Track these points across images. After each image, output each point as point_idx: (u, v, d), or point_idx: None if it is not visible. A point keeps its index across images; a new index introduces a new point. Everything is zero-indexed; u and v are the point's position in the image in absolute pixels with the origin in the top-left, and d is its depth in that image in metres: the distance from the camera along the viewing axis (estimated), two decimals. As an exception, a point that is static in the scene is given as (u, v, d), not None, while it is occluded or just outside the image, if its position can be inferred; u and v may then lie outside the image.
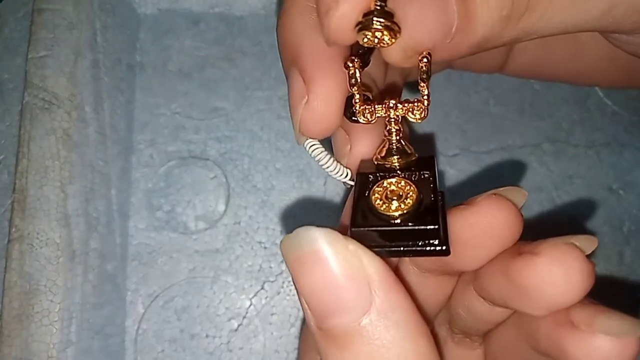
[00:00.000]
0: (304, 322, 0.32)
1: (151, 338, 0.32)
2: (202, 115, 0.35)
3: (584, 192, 0.35)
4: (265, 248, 0.33)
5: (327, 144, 0.23)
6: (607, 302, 0.18)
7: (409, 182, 0.19)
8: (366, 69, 0.20)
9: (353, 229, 0.19)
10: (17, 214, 0.27)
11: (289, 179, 0.34)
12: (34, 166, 0.28)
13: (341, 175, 0.23)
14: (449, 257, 0.18)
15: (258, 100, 0.35)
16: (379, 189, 0.19)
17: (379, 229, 0.19)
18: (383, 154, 0.21)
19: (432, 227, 0.18)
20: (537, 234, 0.19)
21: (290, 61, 0.21)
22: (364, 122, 0.20)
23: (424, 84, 0.19)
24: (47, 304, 0.27)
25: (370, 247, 0.18)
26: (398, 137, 0.21)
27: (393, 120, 0.20)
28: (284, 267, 0.33)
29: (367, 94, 0.21)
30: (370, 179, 0.20)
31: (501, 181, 0.35)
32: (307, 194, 0.34)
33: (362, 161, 0.22)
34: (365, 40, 0.18)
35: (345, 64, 0.19)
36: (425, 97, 0.19)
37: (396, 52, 0.18)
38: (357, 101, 0.20)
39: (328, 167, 0.22)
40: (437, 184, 0.20)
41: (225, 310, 0.32)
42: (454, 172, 0.35)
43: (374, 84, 0.23)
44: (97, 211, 0.30)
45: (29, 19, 0.30)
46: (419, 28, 0.17)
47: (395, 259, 0.22)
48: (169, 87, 0.35)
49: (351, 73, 0.19)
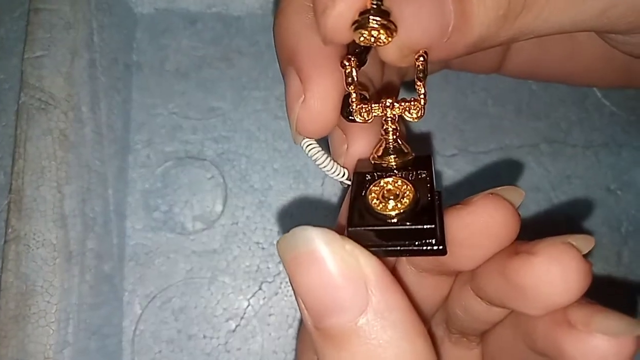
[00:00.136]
0: (301, 323, 0.32)
1: (148, 339, 0.32)
2: (199, 115, 0.35)
3: (581, 193, 0.35)
4: (263, 249, 0.33)
5: (324, 143, 0.23)
6: (605, 303, 0.18)
7: (405, 181, 0.19)
8: (363, 68, 0.20)
9: (350, 229, 0.19)
10: (13, 214, 0.27)
11: (287, 180, 0.34)
12: (30, 166, 0.28)
13: (338, 174, 0.23)
14: (445, 256, 0.18)
15: (255, 100, 0.35)
16: (375, 188, 0.19)
17: (375, 228, 0.19)
18: (380, 153, 0.21)
19: (428, 226, 0.18)
20: (535, 234, 0.19)
21: (287, 60, 0.21)
22: (361, 121, 0.20)
23: (421, 83, 0.19)
24: (44, 304, 0.26)
25: (367, 246, 0.18)
26: (395, 137, 0.21)
27: (390, 119, 0.20)
28: (281, 267, 0.33)
29: (363, 93, 0.21)
30: (367, 179, 0.20)
31: (499, 181, 0.35)
32: (304, 194, 0.34)
33: (359, 160, 0.22)
34: (362, 39, 0.18)
35: (342, 62, 0.19)
36: (422, 96, 0.19)
37: (392, 51, 0.18)
38: (354, 100, 0.20)
39: (325, 167, 0.22)
40: (434, 183, 0.20)
41: (223, 311, 0.32)
42: (451, 172, 0.35)
43: (370, 83, 0.23)
44: (93, 211, 0.30)
45: (25, 18, 0.30)
46: (416, 27, 0.17)
47: (392, 259, 0.22)
48: (166, 87, 0.35)
49: (348, 72, 0.19)
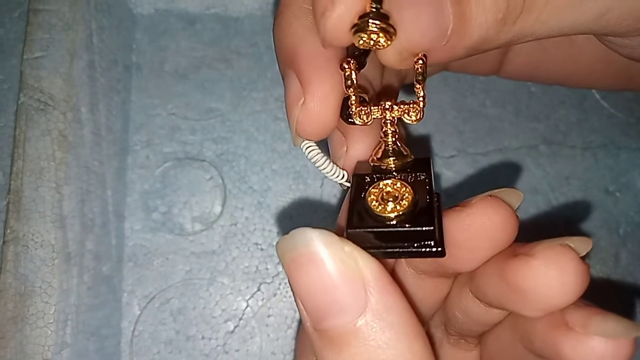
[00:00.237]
0: (300, 324, 0.32)
1: (147, 340, 0.32)
2: (198, 116, 0.35)
3: (580, 194, 0.35)
4: (262, 250, 0.33)
5: (324, 145, 0.23)
6: (603, 305, 0.18)
7: (404, 183, 0.19)
8: (362, 70, 0.21)
9: (349, 230, 0.19)
10: (12, 215, 0.27)
11: (286, 181, 0.34)
12: (29, 167, 0.28)
13: (337, 176, 0.23)
14: (444, 258, 0.18)
15: (254, 102, 0.35)
16: (374, 190, 0.19)
17: (374, 230, 0.19)
18: (379, 156, 0.21)
19: (427, 228, 0.18)
20: (533, 236, 0.19)
21: (287, 63, 0.21)
22: (360, 123, 0.20)
23: (420, 86, 0.19)
24: (42, 305, 0.26)
25: (366, 248, 0.18)
26: (394, 139, 0.21)
27: (389, 121, 0.20)
28: (280, 268, 0.33)
29: (363, 95, 0.21)
30: (367, 181, 0.20)
31: (497, 183, 0.35)
32: (303, 195, 0.34)
33: (359, 163, 0.22)
34: (361, 42, 0.18)
35: (341, 65, 0.19)
36: (421, 98, 0.19)
37: (392, 54, 0.18)
38: (353, 103, 0.20)
39: (324, 169, 0.22)
40: (433, 185, 0.20)
41: (222, 312, 0.32)
42: (450, 174, 0.35)
43: (370, 85, 0.23)
44: (92, 212, 0.30)
45: (24, 19, 0.30)
46: (415, 30, 0.17)
47: (391, 261, 0.22)
48: (165, 88, 0.35)
49: (347, 75, 0.19)
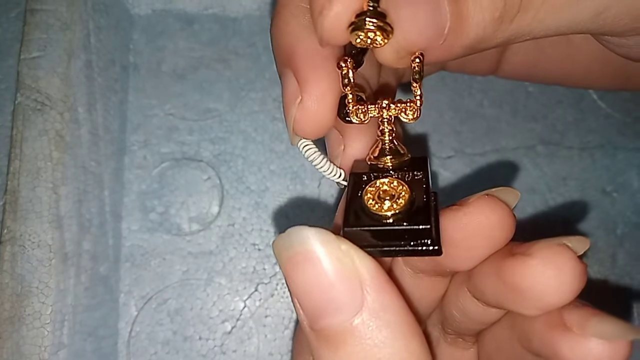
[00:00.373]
0: (297, 324, 0.32)
1: (144, 340, 0.32)
2: (195, 116, 0.35)
3: (577, 194, 0.35)
4: (259, 250, 0.33)
5: (321, 144, 0.23)
6: (601, 305, 0.18)
7: (401, 182, 0.19)
8: (360, 69, 0.21)
9: (345, 229, 0.19)
10: (9, 215, 0.27)
11: (283, 181, 0.34)
12: (26, 167, 0.28)
13: (334, 175, 0.23)
14: (441, 257, 0.18)
15: (252, 102, 0.35)
16: (371, 189, 0.19)
17: (371, 228, 0.19)
18: (376, 154, 0.21)
19: (424, 226, 0.18)
20: (531, 236, 0.19)
21: (284, 62, 0.21)
22: (357, 122, 0.20)
23: (417, 85, 0.19)
24: (39, 306, 0.26)
25: (362, 247, 0.18)
26: (391, 138, 0.21)
27: (386, 120, 0.20)
28: (277, 269, 0.33)
29: (360, 94, 0.21)
30: (364, 179, 0.20)
31: (495, 183, 0.35)
32: (301, 195, 0.34)
33: (356, 161, 0.22)
34: (358, 40, 0.18)
35: (338, 64, 0.19)
36: (418, 97, 0.19)
37: (389, 52, 0.18)
38: (351, 101, 0.20)
39: (321, 168, 0.22)
40: (430, 184, 0.20)
41: (219, 312, 0.32)
42: (448, 174, 0.35)
43: (367, 84, 0.23)
44: (89, 213, 0.30)
45: (21, 19, 0.30)
46: (412, 29, 0.17)
47: (388, 260, 0.22)
48: (163, 88, 0.35)
49: (344, 73, 0.19)
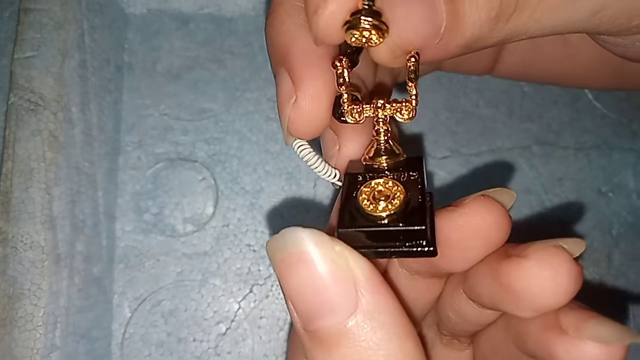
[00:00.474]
0: (292, 326, 0.31)
1: (138, 342, 0.32)
2: (190, 116, 0.35)
3: (573, 195, 0.35)
4: (254, 251, 0.33)
5: (316, 144, 0.23)
6: (596, 306, 0.18)
7: (396, 182, 0.19)
8: (355, 69, 0.20)
9: (340, 230, 0.18)
10: (1, 216, 0.27)
11: (278, 182, 0.34)
12: (19, 168, 0.28)
13: (329, 175, 0.22)
14: (437, 258, 0.18)
15: (247, 102, 0.35)
16: (366, 189, 0.19)
17: (366, 229, 0.18)
18: (371, 154, 0.21)
19: (419, 227, 0.18)
20: (527, 237, 0.19)
21: (279, 61, 0.21)
22: (352, 122, 0.20)
23: (412, 84, 0.19)
24: (31, 308, 0.26)
25: (357, 248, 0.17)
26: (386, 138, 0.21)
27: (381, 120, 0.20)
28: (272, 270, 0.33)
29: (355, 94, 0.21)
30: (359, 180, 0.20)
31: (490, 184, 0.34)
32: (296, 196, 0.34)
33: (351, 161, 0.22)
34: (353, 39, 0.17)
35: (333, 63, 0.19)
36: (413, 97, 0.19)
37: (384, 51, 0.18)
38: (346, 101, 0.20)
39: (316, 168, 0.22)
40: (425, 184, 0.20)
41: (213, 313, 0.32)
42: (443, 174, 0.35)
43: (363, 84, 0.23)
44: (83, 213, 0.30)
45: (15, 18, 0.30)
46: (407, 28, 0.17)
47: (383, 261, 0.22)
48: (157, 88, 0.35)
49: (339, 72, 0.19)
